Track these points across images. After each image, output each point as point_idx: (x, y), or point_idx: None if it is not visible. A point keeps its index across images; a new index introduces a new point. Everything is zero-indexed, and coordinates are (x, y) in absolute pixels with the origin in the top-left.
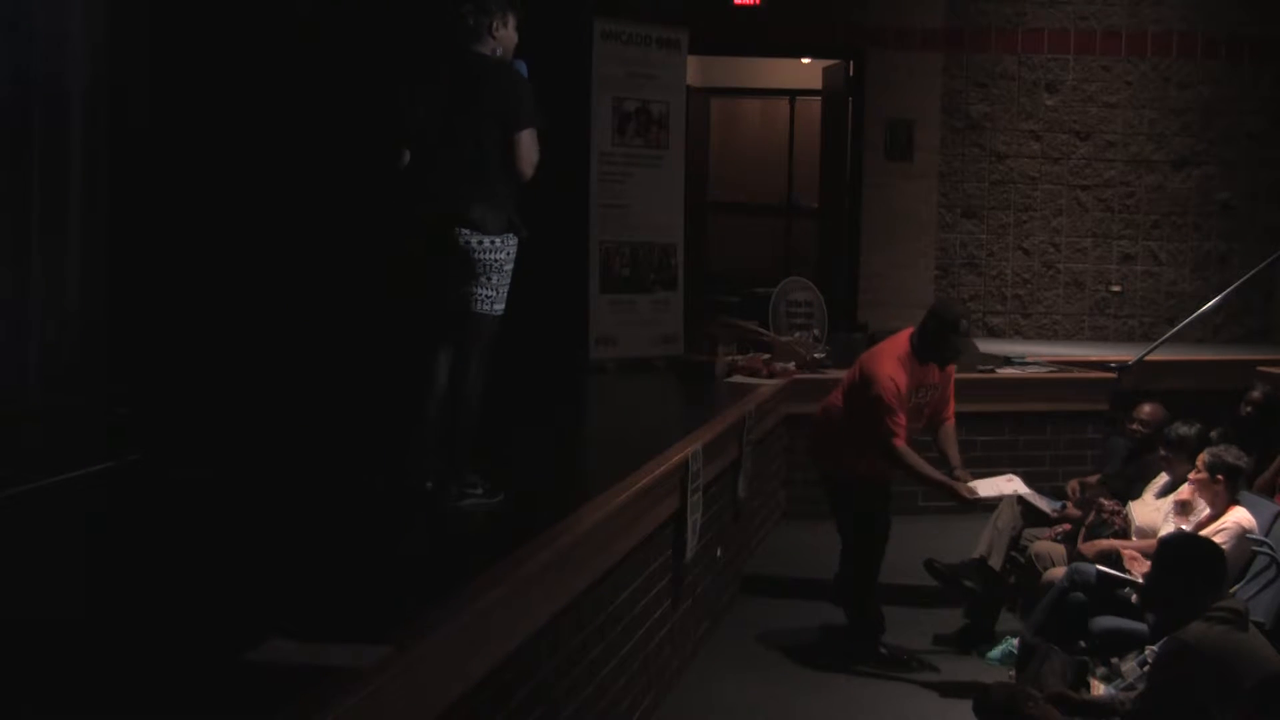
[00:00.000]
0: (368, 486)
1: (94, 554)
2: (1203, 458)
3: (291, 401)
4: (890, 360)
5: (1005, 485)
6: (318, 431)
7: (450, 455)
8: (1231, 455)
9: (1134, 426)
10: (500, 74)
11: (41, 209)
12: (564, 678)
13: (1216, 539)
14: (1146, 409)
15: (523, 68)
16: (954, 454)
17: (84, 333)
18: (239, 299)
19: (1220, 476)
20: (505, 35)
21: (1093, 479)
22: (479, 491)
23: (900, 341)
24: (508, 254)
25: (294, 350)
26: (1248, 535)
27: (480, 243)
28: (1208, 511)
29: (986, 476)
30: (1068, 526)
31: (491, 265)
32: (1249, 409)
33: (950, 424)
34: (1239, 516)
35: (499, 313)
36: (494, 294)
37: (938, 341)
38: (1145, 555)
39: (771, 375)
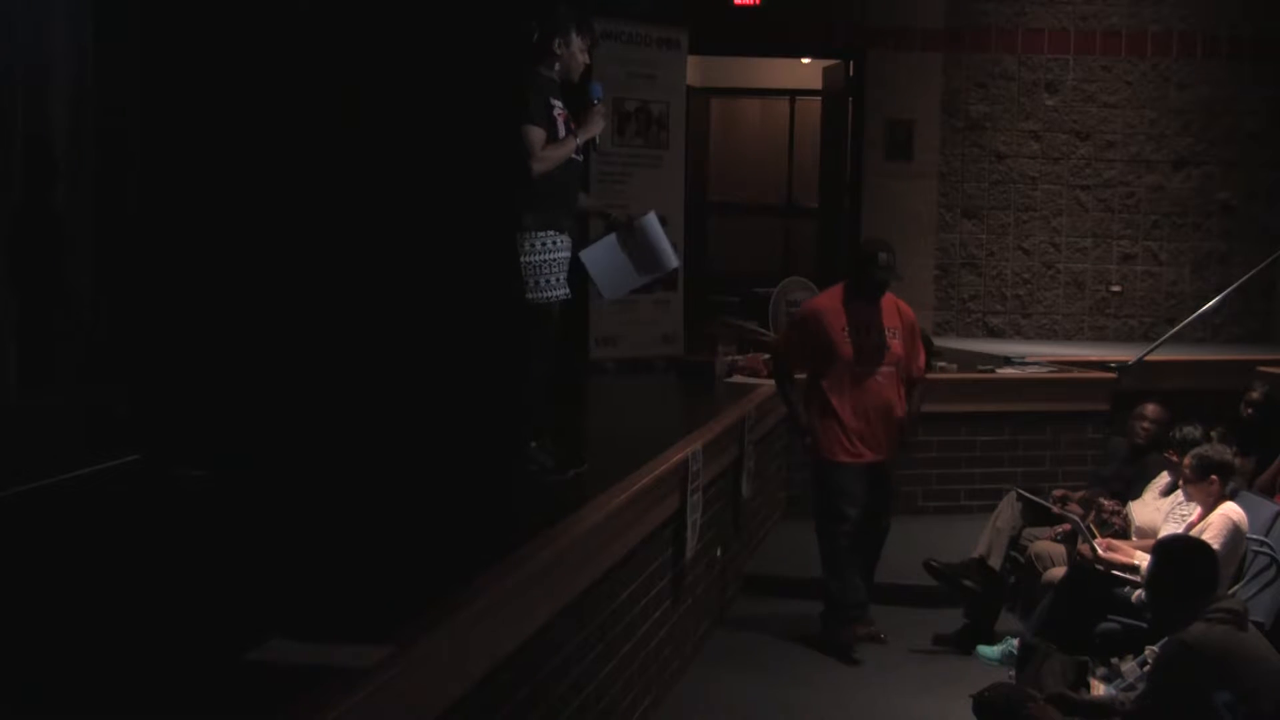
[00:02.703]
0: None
1: (94, 554)
2: (1188, 461)
3: (291, 400)
4: (824, 297)
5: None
6: (318, 431)
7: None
8: (1217, 452)
9: (1145, 425)
10: (517, 77)
11: (28, 204)
12: (564, 678)
13: (1207, 537)
14: (1151, 408)
15: (597, 90)
16: (910, 405)
17: (81, 332)
18: (236, 297)
19: (1214, 476)
20: (567, 55)
21: (1077, 494)
22: (534, 467)
23: (840, 285)
24: (520, 246)
25: (293, 348)
26: (1238, 528)
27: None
28: (1199, 510)
29: (992, 481)
30: (1067, 527)
31: (520, 259)
32: (1249, 410)
33: (916, 379)
34: (1226, 510)
35: (532, 300)
36: (524, 284)
37: (859, 274)
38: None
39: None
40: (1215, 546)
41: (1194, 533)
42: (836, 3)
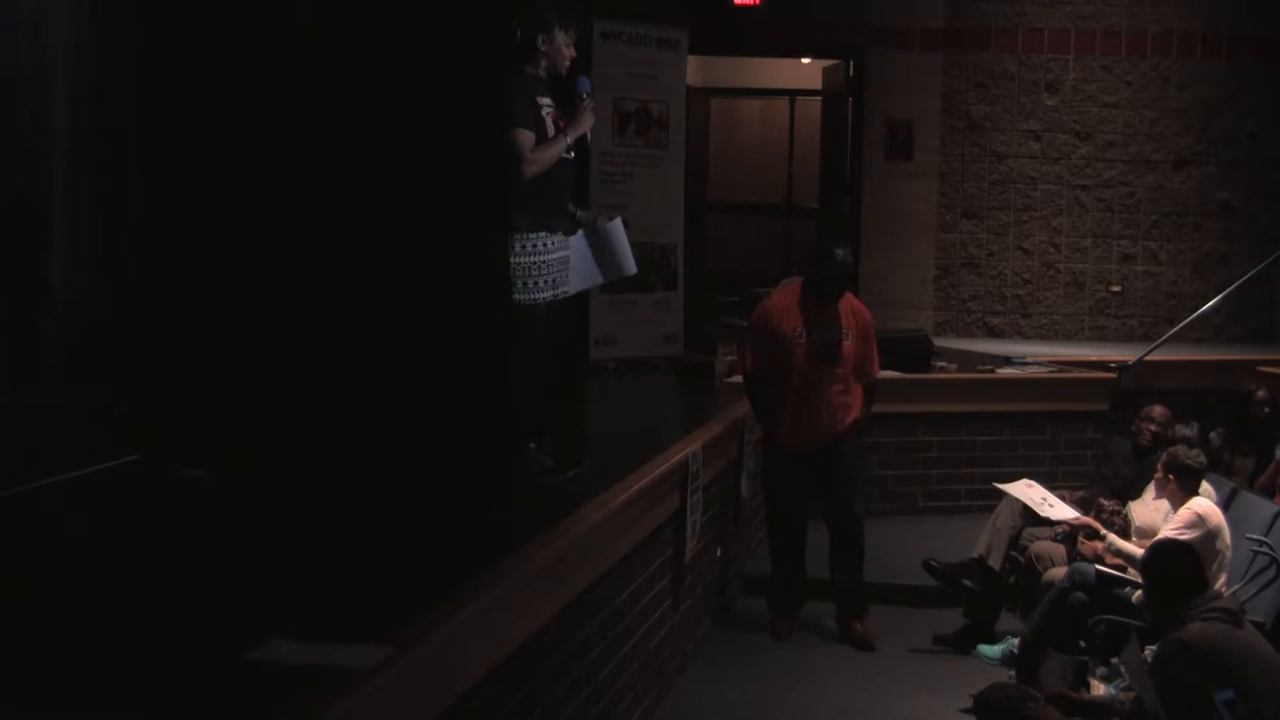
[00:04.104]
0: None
1: (94, 554)
2: (1164, 456)
3: (291, 400)
4: (778, 294)
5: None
6: (317, 431)
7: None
8: (1184, 455)
9: (1151, 428)
10: (503, 79)
11: (23, 203)
12: (564, 678)
13: (1169, 530)
14: (1158, 410)
15: (585, 84)
16: (862, 410)
17: (80, 332)
18: (234, 298)
19: (1171, 476)
20: (552, 50)
21: (1077, 494)
22: (534, 467)
23: (796, 283)
24: (510, 248)
25: (293, 348)
26: (1202, 519)
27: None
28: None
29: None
30: (1067, 527)
31: (510, 260)
32: (1265, 409)
33: (871, 384)
34: (1192, 504)
35: (517, 302)
36: (511, 285)
37: (813, 273)
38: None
39: None
40: (1179, 539)
41: (1168, 532)
42: (836, 3)
